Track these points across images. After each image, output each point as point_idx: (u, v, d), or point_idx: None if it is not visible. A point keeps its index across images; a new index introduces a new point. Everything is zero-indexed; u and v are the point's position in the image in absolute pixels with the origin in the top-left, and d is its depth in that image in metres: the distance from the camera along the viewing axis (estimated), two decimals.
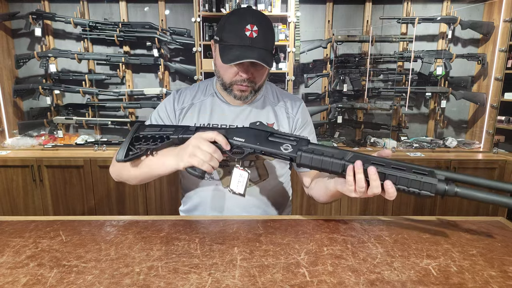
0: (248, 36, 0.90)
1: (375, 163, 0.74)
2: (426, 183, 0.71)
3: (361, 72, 2.64)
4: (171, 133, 0.91)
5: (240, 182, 0.89)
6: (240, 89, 0.98)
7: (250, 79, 0.96)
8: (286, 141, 0.83)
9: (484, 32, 2.56)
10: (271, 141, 0.84)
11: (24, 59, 2.56)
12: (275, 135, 0.84)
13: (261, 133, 0.85)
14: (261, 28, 0.92)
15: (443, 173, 0.74)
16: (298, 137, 0.83)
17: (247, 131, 0.87)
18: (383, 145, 2.58)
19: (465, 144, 2.67)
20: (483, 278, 0.66)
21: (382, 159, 0.76)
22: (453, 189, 0.70)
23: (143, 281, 0.65)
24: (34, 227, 0.88)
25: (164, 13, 2.63)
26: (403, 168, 0.74)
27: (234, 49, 0.91)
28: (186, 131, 0.90)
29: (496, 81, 2.56)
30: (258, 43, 0.91)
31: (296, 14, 2.41)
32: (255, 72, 0.97)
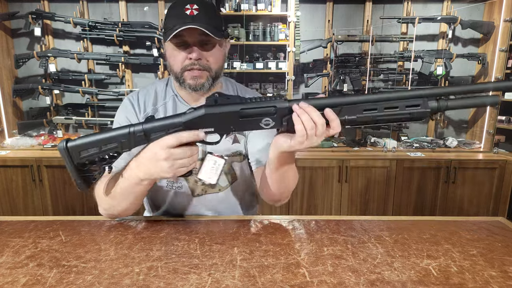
0: (188, 14, 0.86)
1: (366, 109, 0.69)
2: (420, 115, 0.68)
3: (361, 72, 2.64)
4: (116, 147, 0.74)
5: (214, 170, 0.80)
6: (192, 75, 0.90)
7: (201, 62, 0.89)
8: (263, 113, 0.71)
9: (484, 32, 2.55)
10: (246, 120, 0.72)
11: (23, 59, 2.56)
12: (246, 110, 0.71)
13: (230, 114, 0.71)
14: (202, 7, 0.88)
15: (432, 92, 0.68)
16: (272, 101, 0.71)
17: (211, 117, 0.72)
18: (384, 145, 2.58)
19: (465, 144, 2.67)
20: (483, 278, 0.66)
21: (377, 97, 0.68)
22: (444, 104, 0.67)
23: (143, 281, 0.64)
24: (34, 227, 0.88)
25: (163, 12, 2.63)
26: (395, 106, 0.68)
27: (175, 27, 0.86)
28: (136, 140, 0.74)
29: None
30: (200, 19, 0.86)
31: (296, 14, 2.41)
32: (206, 53, 0.90)
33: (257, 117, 0.71)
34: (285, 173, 0.84)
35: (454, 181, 2.41)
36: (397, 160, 2.38)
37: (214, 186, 0.80)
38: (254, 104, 0.72)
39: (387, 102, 0.68)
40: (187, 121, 0.72)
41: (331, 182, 2.41)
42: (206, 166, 0.80)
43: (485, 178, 2.42)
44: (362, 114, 0.69)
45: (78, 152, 0.75)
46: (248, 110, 0.71)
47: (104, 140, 0.74)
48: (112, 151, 0.75)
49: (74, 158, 0.75)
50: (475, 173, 2.41)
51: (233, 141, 1.02)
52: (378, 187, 2.43)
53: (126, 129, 0.73)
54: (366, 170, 2.40)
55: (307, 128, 0.68)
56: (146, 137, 0.73)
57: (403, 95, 0.68)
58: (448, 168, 2.39)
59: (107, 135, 0.74)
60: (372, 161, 2.39)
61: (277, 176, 0.85)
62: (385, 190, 2.43)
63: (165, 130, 0.73)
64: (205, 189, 1.02)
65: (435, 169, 2.40)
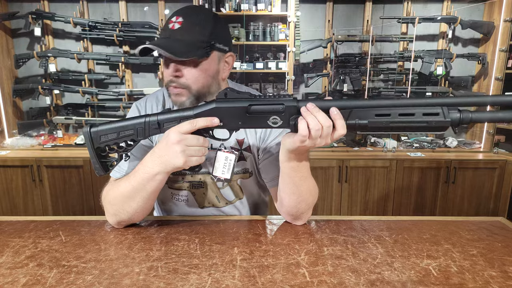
0: (170, 28, 0.83)
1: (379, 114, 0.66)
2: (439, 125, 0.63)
3: (361, 72, 2.64)
4: (132, 134, 0.78)
5: (226, 166, 0.81)
6: (174, 92, 0.86)
7: (180, 80, 0.85)
8: (271, 111, 0.71)
9: (484, 32, 2.55)
10: (254, 117, 0.73)
11: (23, 59, 2.56)
12: (255, 106, 0.72)
13: (238, 109, 0.73)
14: (187, 20, 0.83)
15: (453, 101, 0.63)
16: (281, 99, 0.72)
17: (221, 111, 0.74)
18: (384, 145, 2.58)
19: (465, 144, 2.67)
20: (483, 278, 0.66)
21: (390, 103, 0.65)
22: (468, 116, 0.62)
23: (143, 282, 0.64)
24: (34, 227, 0.88)
25: (163, 12, 2.63)
26: (411, 113, 0.64)
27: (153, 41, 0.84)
28: (151, 129, 0.78)
29: (496, 81, 2.55)
30: (177, 34, 0.82)
31: (296, 14, 2.41)
32: (184, 70, 0.84)
33: (265, 114, 0.72)
34: (298, 184, 0.82)
35: (454, 181, 2.41)
36: (397, 160, 2.38)
37: (229, 181, 0.80)
38: (263, 101, 0.73)
39: (402, 108, 0.64)
40: (197, 114, 0.75)
41: (331, 182, 2.41)
42: (218, 162, 0.81)
43: (485, 178, 2.42)
44: (374, 119, 0.66)
45: (98, 136, 0.80)
46: (257, 106, 0.72)
47: (123, 127, 0.79)
48: (129, 138, 0.79)
49: (95, 142, 0.80)
50: (475, 173, 2.41)
51: (238, 159, 0.98)
52: (378, 187, 2.43)
53: (142, 119, 0.78)
54: (366, 170, 2.40)
55: (312, 128, 0.68)
56: (160, 126, 0.77)
57: (420, 102, 0.64)
58: (448, 168, 2.39)
59: (125, 123, 0.79)
60: (372, 161, 2.39)
61: (290, 187, 0.83)
62: (385, 190, 2.43)
63: (177, 121, 0.77)
64: (212, 202, 1.02)
65: (435, 169, 2.40)
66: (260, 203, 1.10)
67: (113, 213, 0.86)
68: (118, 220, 0.86)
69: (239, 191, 1.02)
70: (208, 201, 1.02)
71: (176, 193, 1.02)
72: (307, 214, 0.90)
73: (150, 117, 0.78)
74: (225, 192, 1.02)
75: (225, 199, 1.02)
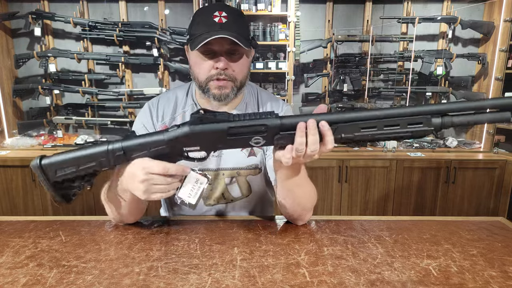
0: (217, 22, 0.84)
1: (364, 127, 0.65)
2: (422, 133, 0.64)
3: (361, 72, 2.64)
4: (94, 166, 0.70)
5: (195, 189, 0.73)
6: (218, 85, 0.87)
7: (228, 72, 0.87)
8: (252, 132, 0.67)
9: (484, 32, 2.55)
10: (235, 139, 0.68)
11: (23, 59, 2.56)
12: (235, 128, 0.67)
13: (217, 132, 0.67)
14: (230, 14, 0.85)
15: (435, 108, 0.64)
16: (263, 118, 0.67)
17: (197, 135, 0.68)
18: (384, 145, 2.58)
19: (465, 144, 2.67)
20: (483, 278, 0.66)
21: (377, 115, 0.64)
22: (449, 120, 0.63)
23: (143, 282, 0.64)
24: (34, 227, 0.88)
25: (163, 12, 2.63)
26: (396, 124, 0.64)
27: (203, 35, 0.83)
28: (116, 159, 0.70)
29: (496, 81, 2.55)
30: (228, 27, 0.84)
31: (296, 14, 2.41)
32: (232, 63, 0.87)
33: (247, 136, 0.67)
34: (292, 190, 0.82)
35: (454, 181, 2.41)
36: (397, 160, 2.38)
37: (194, 208, 0.75)
38: (243, 122, 0.67)
39: (387, 120, 0.64)
40: (170, 139, 0.68)
41: (331, 182, 2.41)
42: (186, 184, 0.73)
43: (485, 178, 2.42)
44: (360, 132, 0.65)
45: (54, 170, 0.70)
46: (237, 128, 0.67)
47: (82, 159, 0.70)
48: (91, 170, 0.71)
49: (50, 177, 0.71)
50: (475, 173, 2.41)
51: (248, 154, 1.00)
52: (378, 187, 2.43)
53: (104, 147, 0.70)
54: (366, 170, 2.40)
55: (296, 145, 0.66)
56: (126, 155, 0.70)
57: (405, 112, 0.64)
58: (448, 168, 2.39)
59: (85, 153, 0.70)
60: (372, 161, 2.39)
61: (285, 192, 0.83)
62: (385, 190, 2.43)
63: (146, 148, 0.70)
64: (217, 199, 1.02)
65: (435, 169, 2.40)
66: (266, 202, 1.10)
67: (110, 216, 0.89)
68: (115, 221, 0.89)
69: (247, 188, 1.02)
70: (214, 198, 1.02)
71: None
72: (306, 216, 0.89)
73: (114, 144, 0.70)
74: (232, 189, 1.01)
75: (231, 195, 1.02)
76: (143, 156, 0.71)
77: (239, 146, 0.70)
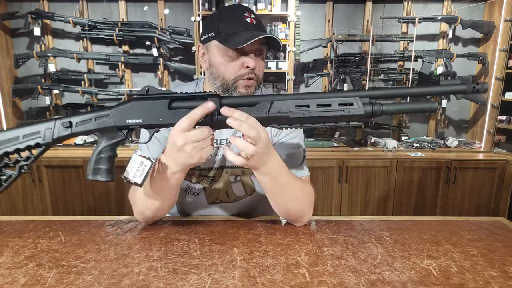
0: (249, 22, 0.87)
1: (298, 106, 0.68)
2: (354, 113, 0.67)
3: (361, 72, 2.64)
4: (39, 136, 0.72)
5: (139, 170, 0.76)
6: (246, 84, 0.89)
7: (255, 71, 0.89)
8: (193, 106, 0.70)
9: (485, 32, 2.55)
10: (176, 112, 0.71)
11: (23, 59, 2.55)
12: (176, 101, 0.72)
13: (159, 104, 0.71)
14: (255, 16, 0.90)
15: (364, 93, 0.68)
16: (206, 94, 0.71)
17: (139, 105, 0.72)
18: (384, 145, 2.57)
19: (466, 144, 2.67)
20: (483, 279, 0.66)
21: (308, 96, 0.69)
22: (379, 108, 0.67)
23: (143, 282, 0.64)
24: (33, 227, 0.88)
25: (163, 12, 2.63)
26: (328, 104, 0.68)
27: (241, 33, 0.84)
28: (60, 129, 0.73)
29: (497, 80, 2.55)
30: (260, 28, 0.89)
31: (296, 13, 2.41)
32: (257, 62, 0.89)
33: (187, 109, 0.70)
34: (274, 196, 0.85)
35: (454, 181, 2.40)
36: (397, 160, 2.38)
37: (140, 185, 0.77)
38: (185, 96, 0.72)
39: (318, 99, 0.68)
40: (115, 109, 0.73)
41: (331, 182, 2.41)
42: (132, 164, 0.75)
43: (485, 178, 2.42)
44: (294, 109, 0.68)
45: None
46: (178, 101, 0.71)
47: (28, 130, 0.73)
48: (33, 142, 0.72)
49: None
50: (475, 173, 2.41)
51: None
52: (378, 187, 2.42)
53: (52, 120, 0.74)
54: (366, 170, 2.40)
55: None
56: (71, 126, 0.73)
57: (334, 94, 0.68)
58: (449, 168, 2.39)
59: (32, 125, 0.73)
60: (372, 161, 2.39)
61: (269, 195, 0.86)
62: (385, 190, 2.43)
63: (92, 119, 0.73)
64: (221, 198, 1.02)
65: (436, 169, 2.40)
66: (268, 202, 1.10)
67: (139, 211, 0.89)
68: (143, 217, 0.89)
69: (250, 187, 1.03)
70: (217, 197, 1.02)
71: (191, 185, 1.02)
72: (304, 218, 0.90)
73: (62, 119, 0.73)
74: (236, 187, 1.02)
75: (235, 194, 1.03)
76: (88, 127, 0.73)
77: (179, 120, 0.71)
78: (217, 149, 1.00)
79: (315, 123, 0.69)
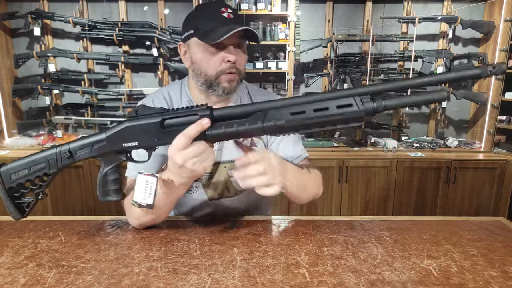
0: (226, 17, 0.87)
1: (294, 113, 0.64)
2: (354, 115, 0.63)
3: (361, 72, 2.64)
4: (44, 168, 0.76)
5: (147, 190, 0.75)
6: (229, 78, 0.90)
7: (236, 64, 0.90)
8: (186, 123, 0.69)
9: (484, 32, 2.55)
10: (170, 131, 0.71)
11: (23, 59, 2.55)
12: (168, 120, 0.71)
13: (151, 125, 0.71)
14: (233, 11, 0.90)
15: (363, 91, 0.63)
16: (195, 109, 0.70)
17: (132, 128, 0.72)
18: (384, 145, 2.57)
19: (466, 144, 2.67)
20: (483, 279, 0.66)
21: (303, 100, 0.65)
22: (381, 104, 0.62)
23: (143, 282, 0.64)
24: (33, 227, 0.88)
25: (163, 12, 2.63)
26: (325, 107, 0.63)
27: (218, 29, 0.85)
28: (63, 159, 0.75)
29: (496, 80, 2.55)
30: (238, 22, 0.88)
31: (296, 13, 2.41)
32: (238, 55, 0.90)
33: (181, 127, 0.69)
34: (295, 195, 0.87)
35: (454, 181, 2.40)
36: (397, 160, 2.38)
37: (151, 207, 0.76)
38: (176, 113, 0.71)
39: (315, 104, 0.64)
40: (110, 135, 0.73)
41: (331, 182, 2.41)
42: (138, 186, 0.75)
43: (485, 178, 2.42)
44: (290, 117, 0.65)
45: (9, 175, 0.76)
46: (170, 120, 0.70)
47: (33, 161, 0.76)
48: (41, 173, 0.76)
49: (6, 183, 0.76)
50: (475, 173, 2.41)
51: (249, 145, 1.02)
52: (378, 187, 2.43)
53: (53, 149, 0.76)
54: (366, 170, 2.40)
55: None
56: (72, 155, 0.75)
57: (331, 95, 0.64)
58: (449, 168, 2.39)
59: (36, 156, 0.76)
60: (372, 161, 2.39)
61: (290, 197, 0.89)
62: (385, 190, 2.43)
63: (89, 146, 0.74)
64: (221, 193, 1.02)
65: (436, 169, 2.40)
66: (268, 198, 1.12)
67: (136, 217, 0.86)
68: (140, 223, 0.86)
69: None
70: (218, 192, 1.02)
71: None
72: (318, 195, 0.98)
73: (61, 147, 0.75)
74: (235, 182, 1.02)
75: (235, 188, 1.03)
76: (87, 154, 0.75)
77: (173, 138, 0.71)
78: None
79: (312, 128, 0.66)
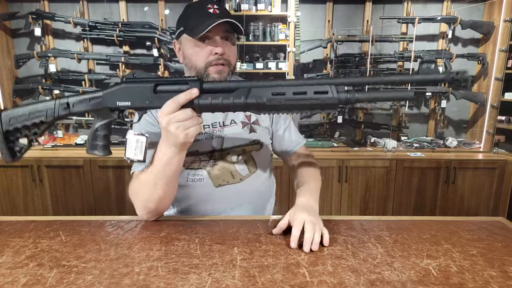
0: (212, 12, 0.93)
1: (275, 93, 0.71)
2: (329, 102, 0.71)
3: (361, 72, 2.64)
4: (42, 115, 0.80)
5: (138, 148, 0.82)
6: (217, 69, 0.94)
7: (224, 56, 0.94)
8: (177, 91, 0.75)
9: (484, 32, 2.55)
10: (161, 96, 0.76)
11: (23, 59, 2.56)
12: (161, 85, 0.77)
13: (145, 88, 0.77)
14: (219, 6, 0.95)
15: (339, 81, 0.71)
16: (187, 79, 0.76)
17: (128, 89, 0.78)
18: (384, 145, 2.58)
19: (465, 144, 2.67)
20: (483, 278, 0.66)
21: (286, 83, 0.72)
22: (354, 96, 0.69)
23: (143, 281, 0.64)
24: (34, 227, 0.88)
25: (164, 12, 2.63)
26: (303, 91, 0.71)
27: (205, 23, 0.90)
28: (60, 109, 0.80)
29: (496, 81, 2.56)
30: (224, 16, 0.92)
31: (296, 14, 2.41)
32: (226, 47, 0.95)
33: (171, 93, 0.75)
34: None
35: (454, 181, 2.41)
36: (397, 160, 2.38)
37: (143, 162, 0.82)
38: (168, 81, 0.77)
39: (295, 87, 0.71)
40: (106, 93, 0.79)
41: (331, 182, 2.41)
42: (129, 145, 0.82)
43: (485, 178, 2.42)
44: (271, 97, 0.72)
45: (8, 118, 0.80)
46: (163, 86, 0.77)
47: (34, 109, 0.80)
48: (38, 120, 0.80)
49: (4, 125, 0.80)
50: (475, 173, 2.41)
51: (249, 130, 1.07)
52: (378, 187, 2.43)
53: (53, 101, 0.81)
54: (366, 170, 2.40)
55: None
56: (69, 107, 0.80)
57: (310, 82, 0.71)
58: (448, 168, 2.39)
59: (38, 105, 0.81)
60: (372, 161, 2.39)
61: None
62: (385, 190, 2.43)
63: (86, 100, 0.80)
64: (227, 179, 1.04)
65: (435, 169, 2.40)
66: (270, 184, 1.16)
67: (141, 206, 0.90)
68: (147, 211, 0.90)
69: (253, 165, 1.07)
70: (223, 178, 1.04)
71: (192, 173, 1.03)
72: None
73: (61, 99, 0.81)
74: (239, 167, 1.05)
75: (239, 174, 1.05)
76: (83, 108, 0.80)
77: (164, 103, 0.75)
78: (212, 132, 1.03)
79: (291, 110, 0.73)
